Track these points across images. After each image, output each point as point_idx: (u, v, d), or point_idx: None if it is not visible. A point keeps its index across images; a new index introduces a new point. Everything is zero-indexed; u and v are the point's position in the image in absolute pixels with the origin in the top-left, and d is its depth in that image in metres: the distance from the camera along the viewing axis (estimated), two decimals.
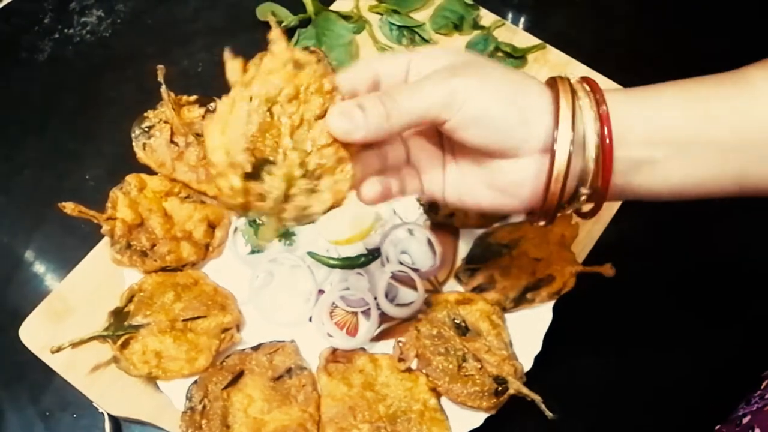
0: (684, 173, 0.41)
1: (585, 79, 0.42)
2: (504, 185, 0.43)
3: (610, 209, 0.72)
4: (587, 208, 0.43)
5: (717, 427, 0.62)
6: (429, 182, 0.46)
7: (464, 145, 0.42)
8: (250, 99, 0.39)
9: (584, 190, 0.41)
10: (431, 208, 0.70)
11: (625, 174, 0.41)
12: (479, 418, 0.62)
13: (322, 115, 0.40)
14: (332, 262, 0.68)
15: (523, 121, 0.40)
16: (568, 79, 0.42)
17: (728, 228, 0.76)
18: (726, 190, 0.42)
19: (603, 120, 0.39)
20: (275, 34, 0.40)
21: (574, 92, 0.40)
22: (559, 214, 0.43)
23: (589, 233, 0.71)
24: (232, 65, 0.40)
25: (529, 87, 0.41)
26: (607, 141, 0.39)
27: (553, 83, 0.42)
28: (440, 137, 0.46)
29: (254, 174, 0.39)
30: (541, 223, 0.45)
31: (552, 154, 0.40)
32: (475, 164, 0.44)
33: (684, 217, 0.76)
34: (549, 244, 0.66)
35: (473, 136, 0.40)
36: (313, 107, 0.40)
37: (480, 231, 0.70)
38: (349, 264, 0.68)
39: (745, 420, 0.59)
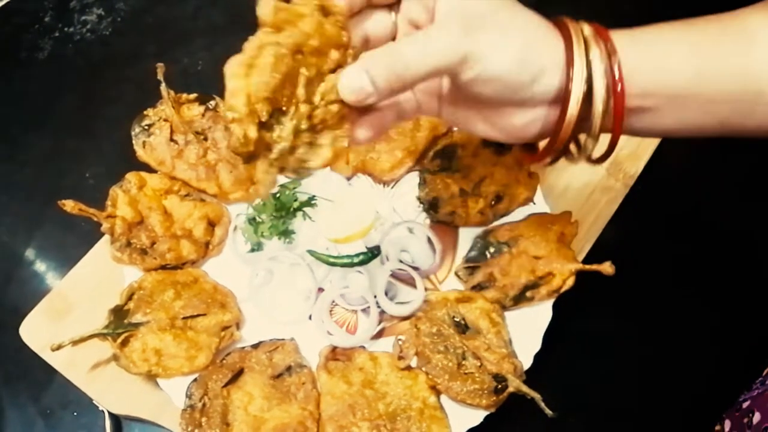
0: (672, 120, 0.44)
1: (595, 28, 0.43)
2: (506, 127, 0.44)
3: (610, 206, 0.73)
4: (596, 153, 0.45)
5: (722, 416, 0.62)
6: (426, 106, 0.47)
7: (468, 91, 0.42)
8: (278, 44, 0.38)
9: (590, 139, 0.43)
10: (431, 206, 0.70)
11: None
12: (479, 416, 0.62)
13: (333, 69, 0.40)
14: (332, 260, 0.68)
15: (536, 79, 0.41)
16: (581, 27, 0.42)
17: (728, 224, 0.76)
18: (709, 133, 0.45)
19: (614, 77, 0.41)
20: None
21: (586, 43, 0.41)
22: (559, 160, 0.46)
23: (588, 231, 0.71)
24: (266, 4, 0.39)
25: (544, 43, 0.41)
26: (619, 88, 0.41)
27: (566, 31, 0.42)
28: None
29: (267, 123, 0.39)
30: (546, 161, 0.46)
31: (564, 106, 0.41)
32: (477, 105, 0.44)
33: (684, 215, 0.76)
34: (548, 242, 0.66)
35: (482, 91, 0.41)
36: (329, 60, 0.40)
37: (480, 229, 0.70)
38: (348, 262, 0.68)
39: (745, 405, 0.60)
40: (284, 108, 0.39)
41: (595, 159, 0.45)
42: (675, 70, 0.42)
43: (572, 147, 0.45)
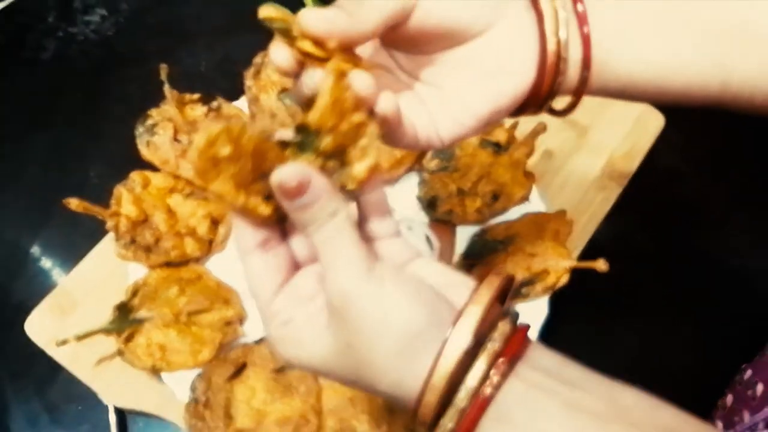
0: (662, 53, 0.39)
1: None
2: (495, 64, 0.39)
3: (604, 205, 0.74)
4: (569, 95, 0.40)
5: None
6: (420, 128, 0.40)
7: (429, 54, 0.39)
8: (228, 129, 0.33)
9: (566, 58, 0.38)
10: (429, 205, 0.71)
11: (601, 45, 0.39)
12: None
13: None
14: None
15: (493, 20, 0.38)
16: None
17: (724, 225, 0.77)
18: (709, 87, 0.40)
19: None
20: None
21: None
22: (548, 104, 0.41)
23: (583, 230, 0.72)
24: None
25: None
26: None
27: None
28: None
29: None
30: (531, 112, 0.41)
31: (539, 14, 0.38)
32: (453, 64, 0.39)
33: (679, 214, 0.77)
34: (544, 240, 0.67)
35: (444, 14, 0.37)
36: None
37: (477, 228, 0.71)
38: None
39: (746, 375, 0.61)
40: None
41: (560, 111, 0.42)
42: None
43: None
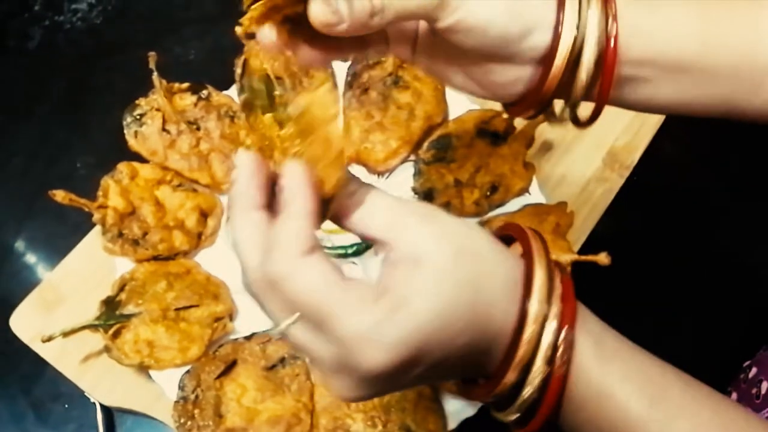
0: (670, 92, 0.41)
1: None
2: (486, 83, 0.41)
3: (606, 197, 0.72)
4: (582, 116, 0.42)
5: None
6: (397, 50, 0.42)
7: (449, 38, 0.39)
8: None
9: (567, 108, 0.40)
10: (426, 197, 0.70)
11: (614, 87, 0.40)
12: (474, 407, 0.61)
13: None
14: (325, 250, 0.67)
15: (525, 34, 0.38)
16: None
17: (725, 217, 0.76)
18: (713, 112, 0.42)
19: (609, 44, 0.38)
20: None
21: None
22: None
23: (584, 222, 0.71)
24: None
25: None
26: (610, 58, 0.38)
27: None
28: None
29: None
30: (526, 115, 0.43)
31: (545, 70, 0.38)
32: (455, 57, 0.40)
33: (681, 206, 0.76)
34: (544, 233, 0.65)
35: (463, 42, 0.38)
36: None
37: (475, 220, 0.70)
38: (342, 253, 0.67)
39: (751, 373, 0.60)
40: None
41: (579, 123, 0.43)
42: (679, 39, 0.39)
43: (556, 108, 0.42)
